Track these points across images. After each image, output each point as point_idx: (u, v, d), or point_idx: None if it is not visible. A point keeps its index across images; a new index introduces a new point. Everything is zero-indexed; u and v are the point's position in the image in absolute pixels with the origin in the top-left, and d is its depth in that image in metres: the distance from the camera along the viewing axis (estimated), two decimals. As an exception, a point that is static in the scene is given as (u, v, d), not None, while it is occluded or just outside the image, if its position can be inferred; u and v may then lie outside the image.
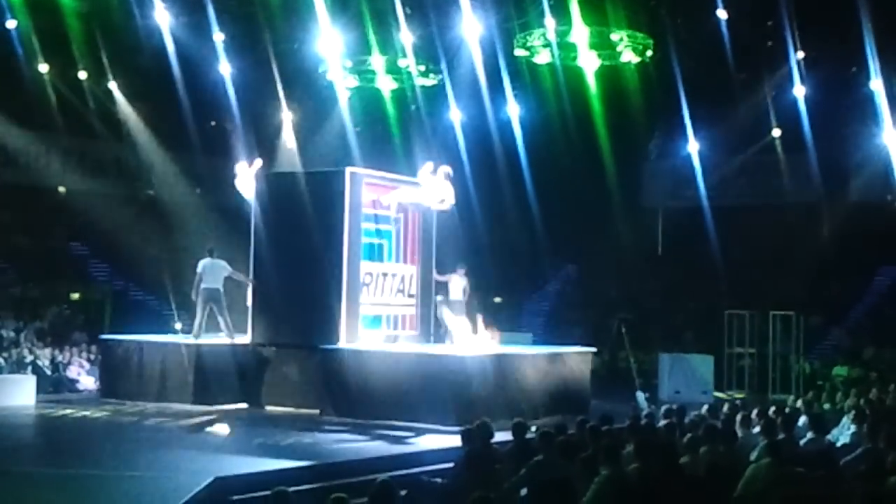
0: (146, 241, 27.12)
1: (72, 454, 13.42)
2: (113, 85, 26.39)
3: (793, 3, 22.59)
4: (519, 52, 23.60)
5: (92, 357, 21.78)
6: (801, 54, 24.29)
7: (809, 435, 11.95)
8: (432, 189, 18.33)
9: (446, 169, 18.51)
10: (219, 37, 24.28)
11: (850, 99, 25.76)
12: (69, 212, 28.55)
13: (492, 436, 10.90)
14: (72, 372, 21.53)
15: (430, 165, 18.51)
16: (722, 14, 22.71)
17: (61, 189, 29.27)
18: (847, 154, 28.79)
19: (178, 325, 23.18)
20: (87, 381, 21.06)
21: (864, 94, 24.36)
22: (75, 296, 28.33)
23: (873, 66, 22.89)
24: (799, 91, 25.18)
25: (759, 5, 23.20)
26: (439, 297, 19.66)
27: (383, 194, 18.68)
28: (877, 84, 23.50)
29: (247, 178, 18.81)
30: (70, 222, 28.65)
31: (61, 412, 17.15)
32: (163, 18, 23.04)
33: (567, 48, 22.90)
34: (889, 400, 16.83)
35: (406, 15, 22.99)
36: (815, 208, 28.67)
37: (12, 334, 23.09)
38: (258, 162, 19.13)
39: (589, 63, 23.42)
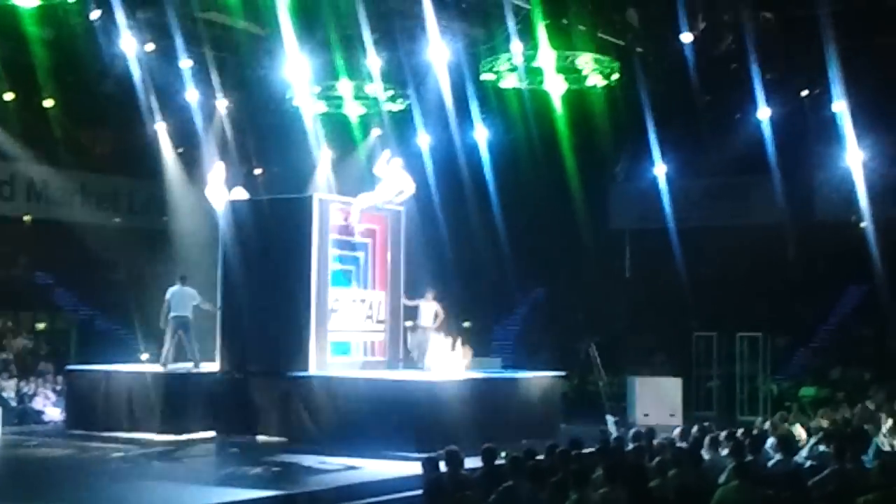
0: (112, 270, 26.94)
1: (37, 487, 13.29)
2: (78, 112, 26.24)
3: (756, 26, 22.76)
4: (486, 76, 23.64)
5: (58, 388, 21.56)
6: (764, 76, 24.48)
7: (777, 456, 12.00)
8: (390, 182, 18.34)
9: (398, 161, 18.66)
10: (186, 63, 24.20)
11: (814, 120, 26.00)
12: (34, 241, 28.32)
13: (461, 463, 10.88)
14: (37, 403, 21.31)
15: (386, 154, 18.61)
16: (686, 38, 22.87)
17: (26, 218, 29.07)
18: (811, 175, 29.07)
19: (144, 356, 22.99)
20: (53, 413, 20.85)
21: (828, 115, 24.59)
22: (41, 326, 28.08)
23: (836, 88, 23.13)
24: (763, 113, 25.38)
25: (723, 28, 23.36)
26: (408, 323, 19.65)
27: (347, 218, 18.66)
28: (840, 106, 23.73)
29: (215, 185, 18.85)
30: (35, 252, 28.43)
31: (27, 444, 16.98)
32: (129, 45, 22.94)
33: (533, 72, 22.96)
34: (856, 420, 16.91)
35: (373, 40, 23.00)
36: (781, 229, 28.86)
37: (-24, 366, 22.86)
38: (220, 165, 19.18)
39: (555, 87, 23.50)
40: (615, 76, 23.03)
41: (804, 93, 25.81)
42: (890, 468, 10.32)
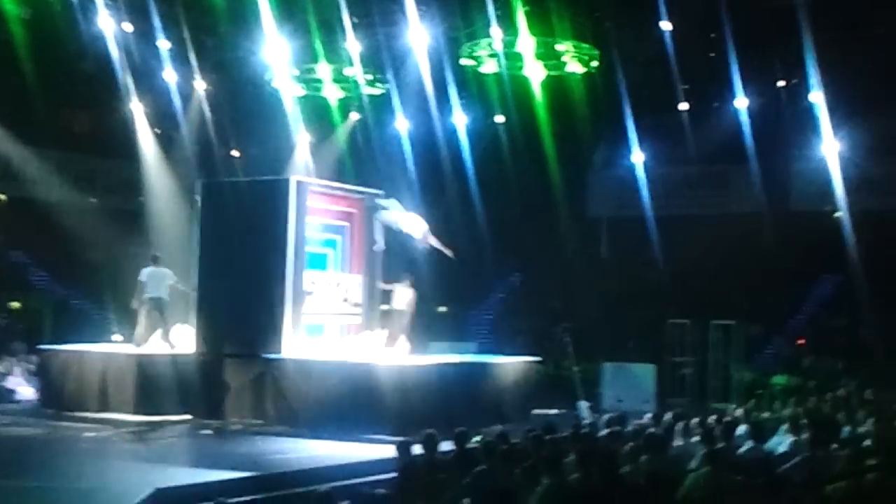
0: (88, 250, 26.82)
1: (9, 466, 13.20)
2: (57, 92, 26.08)
3: (735, 15, 22.84)
4: (465, 61, 23.67)
5: (31, 367, 21.47)
6: (742, 66, 24.58)
7: (749, 443, 12.08)
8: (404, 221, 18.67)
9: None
10: (164, 44, 24.09)
11: (791, 111, 26.13)
12: (9, 220, 28.14)
13: (437, 447, 10.93)
14: (10, 382, 21.20)
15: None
16: (666, 26, 22.94)
17: (2, 197, 28.88)
18: (788, 165, 29.22)
19: (117, 337, 22.91)
20: (27, 392, 20.75)
21: (805, 106, 24.73)
22: (15, 304, 27.94)
23: (813, 78, 23.26)
24: (741, 103, 25.48)
25: (703, 18, 23.45)
26: (384, 307, 19.67)
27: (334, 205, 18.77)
28: (816, 96, 23.86)
29: None
30: (10, 231, 28.26)
31: (-1, 423, 16.93)
32: (107, 25, 22.81)
33: (513, 58, 23.00)
34: (827, 408, 17.03)
35: (353, 24, 22.97)
36: (757, 218, 29.00)
37: (-50, 344, 22.75)
38: None
39: (535, 73, 23.55)
40: (594, 63, 23.09)
41: (781, 83, 25.95)
42: (860, 456, 10.41)
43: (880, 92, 24.88)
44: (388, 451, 12.59)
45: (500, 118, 28.12)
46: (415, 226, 18.70)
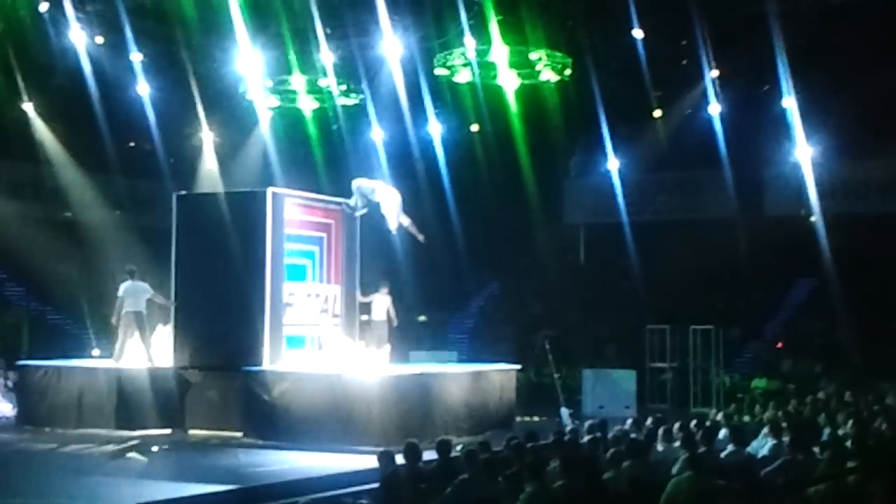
0: (64, 264, 26.68)
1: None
2: (28, 105, 25.97)
3: (707, 23, 23.00)
4: (439, 71, 23.71)
5: (9, 383, 21.32)
6: (715, 73, 24.74)
7: (730, 447, 12.13)
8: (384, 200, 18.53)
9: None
10: (136, 56, 24.03)
11: (764, 116, 26.30)
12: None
13: (419, 457, 10.91)
14: (-12, 398, 21.07)
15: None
16: (638, 33, 23.06)
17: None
18: (761, 170, 29.42)
19: (95, 352, 22.77)
20: (5, 408, 20.60)
21: (777, 111, 24.90)
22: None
23: (785, 84, 23.43)
24: (714, 109, 25.62)
25: (674, 25, 23.60)
26: (364, 318, 19.64)
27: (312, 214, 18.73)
28: (789, 102, 24.03)
29: None
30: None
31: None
32: (78, 38, 22.73)
33: (487, 67, 23.06)
34: (807, 411, 17.13)
35: (326, 34, 22.97)
36: (732, 223, 29.18)
37: (-74, 361, 22.53)
38: None
39: (509, 82, 23.61)
40: (568, 71, 23.18)
41: (754, 89, 26.10)
42: (840, 459, 10.48)
43: (852, 96, 25.09)
44: (370, 461, 12.58)
45: (475, 127, 28.20)
46: (389, 197, 18.53)
